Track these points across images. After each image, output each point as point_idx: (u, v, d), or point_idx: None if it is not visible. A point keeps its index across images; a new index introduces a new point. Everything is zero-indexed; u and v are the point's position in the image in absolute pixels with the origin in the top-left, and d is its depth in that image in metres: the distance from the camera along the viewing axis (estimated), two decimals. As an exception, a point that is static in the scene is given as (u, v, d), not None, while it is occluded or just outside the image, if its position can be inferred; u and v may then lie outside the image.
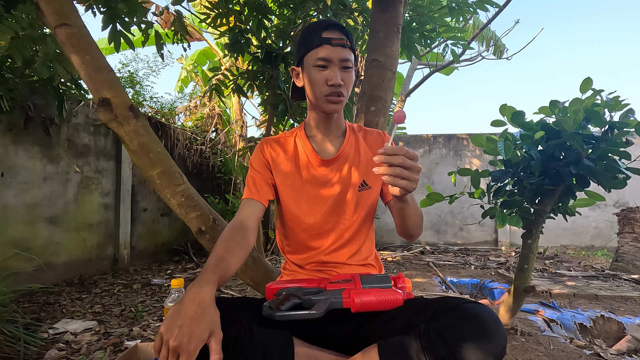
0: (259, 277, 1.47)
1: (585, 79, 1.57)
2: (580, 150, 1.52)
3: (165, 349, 0.58)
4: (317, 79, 0.89)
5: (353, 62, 0.91)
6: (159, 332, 0.60)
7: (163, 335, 0.58)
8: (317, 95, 0.90)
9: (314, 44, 0.89)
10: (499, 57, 5.87)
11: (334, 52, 0.87)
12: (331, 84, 0.87)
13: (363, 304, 0.74)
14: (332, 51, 0.87)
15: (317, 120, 0.98)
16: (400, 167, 0.66)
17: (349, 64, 0.89)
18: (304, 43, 0.91)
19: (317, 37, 0.89)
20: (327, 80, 0.88)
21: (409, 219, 0.85)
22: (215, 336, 0.60)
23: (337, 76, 0.87)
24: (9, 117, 2.72)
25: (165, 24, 3.80)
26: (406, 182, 0.67)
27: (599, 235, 5.73)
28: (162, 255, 4.47)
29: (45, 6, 1.15)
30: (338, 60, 0.87)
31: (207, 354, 0.60)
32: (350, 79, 0.91)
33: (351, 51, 0.90)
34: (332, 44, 0.88)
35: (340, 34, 0.89)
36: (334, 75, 0.87)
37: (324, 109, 0.92)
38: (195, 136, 5.18)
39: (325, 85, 0.88)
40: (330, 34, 0.88)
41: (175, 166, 1.32)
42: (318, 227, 0.96)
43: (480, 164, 6.12)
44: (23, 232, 2.88)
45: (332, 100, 0.89)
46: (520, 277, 1.88)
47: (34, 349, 1.71)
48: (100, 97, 1.15)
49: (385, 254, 5.01)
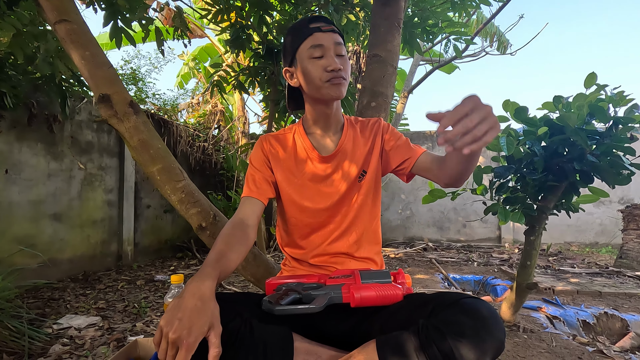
0: (260, 274, 1.47)
1: (590, 74, 1.55)
2: (584, 146, 1.50)
3: (165, 342, 0.58)
4: (314, 69, 0.86)
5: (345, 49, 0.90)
6: (159, 325, 0.60)
7: (163, 328, 0.59)
8: (317, 84, 0.87)
9: (304, 35, 0.88)
10: (503, 52, 5.82)
11: (326, 37, 0.86)
12: (331, 69, 0.85)
13: (363, 299, 0.74)
14: (324, 37, 0.86)
15: (315, 116, 0.97)
16: (472, 129, 0.56)
17: (343, 49, 0.88)
18: (294, 39, 0.90)
19: (306, 28, 0.88)
20: (325, 67, 0.85)
21: (472, 166, 0.79)
22: (215, 330, 0.60)
23: (335, 61, 0.85)
24: (13, 114, 2.74)
25: (166, 20, 3.79)
26: (488, 134, 0.57)
27: (603, 232, 5.69)
28: (166, 251, 4.49)
29: (45, 2, 1.15)
30: (332, 44, 0.86)
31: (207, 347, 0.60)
32: (347, 65, 0.89)
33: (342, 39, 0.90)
34: (322, 30, 0.87)
35: (326, 22, 0.89)
36: (331, 61, 0.85)
37: (328, 95, 0.88)
38: (198, 133, 5.19)
39: (324, 73, 0.86)
40: (317, 24, 0.88)
41: (175, 162, 1.32)
42: (320, 223, 0.96)
43: (484, 160, 6.08)
44: (27, 229, 2.90)
45: (335, 82, 0.86)
46: (523, 273, 1.88)
47: (38, 344, 1.72)
48: (101, 94, 1.16)
49: (387, 251, 5.01)
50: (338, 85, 0.87)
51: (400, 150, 0.97)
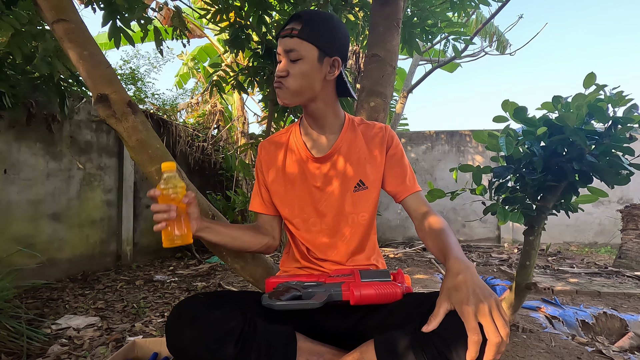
0: (259, 274, 1.46)
1: (589, 74, 1.55)
2: (583, 146, 1.50)
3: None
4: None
5: (307, 52, 0.84)
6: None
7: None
8: None
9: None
10: (502, 52, 5.82)
11: (280, 44, 0.87)
12: (275, 75, 0.88)
13: (362, 296, 0.74)
14: (280, 43, 0.87)
15: (305, 116, 0.97)
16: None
17: (294, 55, 0.84)
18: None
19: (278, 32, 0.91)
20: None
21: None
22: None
23: (279, 67, 0.87)
24: (11, 113, 2.73)
25: (165, 20, 3.79)
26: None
27: (602, 232, 5.69)
28: (165, 251, 4.48)
29: (43, 2, 1.14)
30: (282, 51, 0.86)
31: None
32: (295, 70, 0.85)
33: (303, 40, 0.84)
34: (280, 36, 0.87)
35: (291, 24, 0.85)
36: (277, 66, 0.87)
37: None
38: (197, 133, 5.18)
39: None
40: (284, 27, 0.87)
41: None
42: (311, 225, 0.95)
43: (483, 160, 6.09)
44: (26, 229, 2.89)
45: (275, 86, 0.88)
46: (522, 273, 1.87)
47: (36, 344, 1.72)
48: (99, 93, 1.15)
49: (387, 251, 5.01)
50: (277, 90, 0.88)
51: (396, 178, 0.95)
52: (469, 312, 0.56)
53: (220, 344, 0.65)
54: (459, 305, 0.58)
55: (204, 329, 0.66)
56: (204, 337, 0.66)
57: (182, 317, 0.69)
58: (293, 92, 0.87)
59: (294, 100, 0.89)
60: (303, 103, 0.91)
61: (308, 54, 0.84)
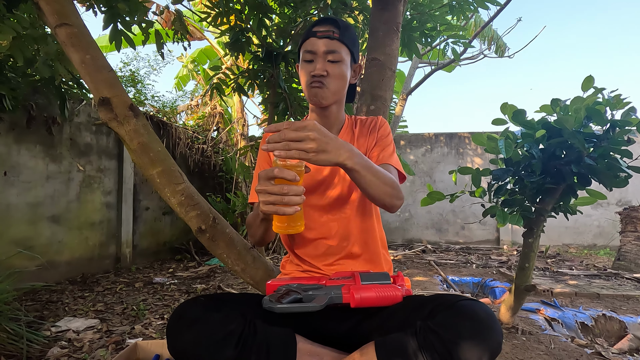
0: (259, 276, 1.47)
1: (587, 77, 1.56)
2: (581, 149, 1.52)
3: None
4: (303, 73, 0.91)
5: (345, 55, 0.89)
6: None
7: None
8: (304, 87, 0.92)
9: (304, 38, 0.91)
10: (501, 55, 5.84)
11: (318, 43, 0.88)
12: (312, 74, 0.88)
13: (362, 299, 0.74)
14: (317, 43, 0.88)
15: (314, 116, 0.98)
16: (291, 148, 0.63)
17: (336, 56, 0.88)
18: (301, 40, 0.94)
19: (308, 31, 0.91)
20: (310, 72, 0.89)
21: (369, 188, 0.77)
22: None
23: (317, 66, 0.87)
24: (12, 116, 2.73)
25: (165, 23, 3.80)
26: (296, 152, 0.64)
27: (601, 234, 5.70)
28: (164, 253, 4.48)
29: (46, 6, 1.15)
30: (322, 52, 0.88)
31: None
32: (337, 71, 0.89)
33: (342, 44, 0.89)
34: (317, 36, 0.88)
35: (329, 26, 0.89)
36: (315, 65, 0.88)
37: (309, 98, 0.92)
38: (197, 135, 5.19)
39: (309, 76, 0.89)
40: (319, 27, 0.89)
41: (175, 165, 1.32)
42: (314, 224, 0.95)
43: (482, 163, 6.10)
44: (26, 231, 2.89)
45: (313, 85, 0.88)
46: (522, 276, 1.88)
47: (36, 346, 1.72)
48: (101, 97, 1.16)
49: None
50: (315, 89, 0.89)
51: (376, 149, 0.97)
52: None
53: (220, 346, 0.66)
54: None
55: (204, 332, 0.67)
56: (204, 340, 0.66)
57: (183, 320, 0.70)
58: (333, 92, 0.90)
59: (331, 101, 0.92)
60: (331, 104, 0.93)
61: (346, 57, 0.90)
